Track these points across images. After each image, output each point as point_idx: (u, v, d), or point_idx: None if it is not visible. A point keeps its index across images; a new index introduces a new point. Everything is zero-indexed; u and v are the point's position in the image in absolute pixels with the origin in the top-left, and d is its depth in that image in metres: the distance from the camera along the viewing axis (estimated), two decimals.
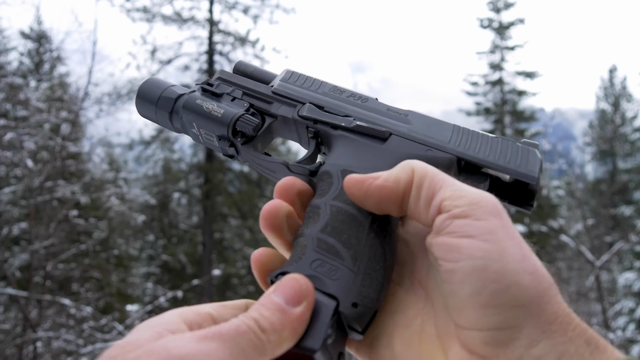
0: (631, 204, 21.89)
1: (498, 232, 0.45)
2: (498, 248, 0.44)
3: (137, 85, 15.56)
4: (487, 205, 0.47)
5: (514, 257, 0.44)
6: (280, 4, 16.57)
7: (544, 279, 0.44)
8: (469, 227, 0.46)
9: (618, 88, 25.08)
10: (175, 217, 18.60)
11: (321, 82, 0.77)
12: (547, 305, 0.43)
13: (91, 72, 9.40)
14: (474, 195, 0.49)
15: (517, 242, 0.46)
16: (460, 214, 0.47)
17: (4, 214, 10.68)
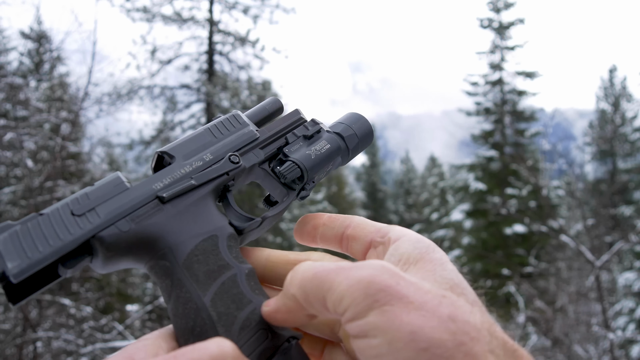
0: (631, 204, 21.91)
1: (378, 324, 0.44)
2: (385, 340, 0.43)
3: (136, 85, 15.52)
4: (360, 299, 0.45)
5: (402, 342, 0.43)
6: (280, 4, 16.58)
7: (441, 349, 0.42)
8: (357, 329, 0.46)
9: (618, 88, 25.10)
10: None
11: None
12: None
13: (91, 72, 9.40)
14: (349, 292, 0.46)
15: (402, 322, 0.43)
16: (347, 319, 0.47)
17: (4, 214, 10.68)
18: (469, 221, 20.49)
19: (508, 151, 20.77)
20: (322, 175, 0.74)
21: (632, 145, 24.40)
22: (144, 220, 0.58)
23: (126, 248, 0.57)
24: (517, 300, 12.11)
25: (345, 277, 0.47)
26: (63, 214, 0.56)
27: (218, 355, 0.45)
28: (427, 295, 0.45)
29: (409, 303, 0.44)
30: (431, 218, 31.36)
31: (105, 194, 0.59)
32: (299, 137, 0.75)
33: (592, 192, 23.14)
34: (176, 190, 0.62)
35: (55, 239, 0.53)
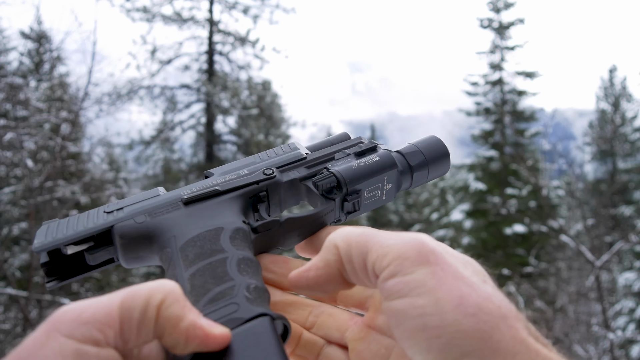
0: (631, 204, 21.91)
1: (427, 282, 0.44)
2: (431, 300, 0.43)
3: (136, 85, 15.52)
4: (411, 254, 0.46)
5: (450, 305, 0.42)
6: (280, 4, 16.57)
7: (490, 316, 0.42)
8: (399, 286, 0.45)
9: (618, 88, 25.09)
10: None
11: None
12: (499, 343, 0.41)
13: (91, 72, 9.40)
14: (397, 247, 0.47)
15: (451, 286, 0.43)
16: (389, 274, 0.46)
17: (4, 214, 10.68)
18: (469, 221, 20.49)
19: (508, 151, 20.76)
20: (376, 191, 0.72)
21: (632, 145, 24.39)
22: (159, 216, 0.62)
23: (138, 237, 0.61)
24: (517, 300, 12.10)
25: (395, 236, 0.48)
26: (98, 211, 0.63)
27: (156, 288, 0.43)
28: (472, 276, 0.46)
29: (457, 272, 0.45)
30: (431, 218, 31.35)
31: (138, 198, 0.64)
32: (349, 155, 0.74)
33: (592, 192, 23.14)
34: (198, 193, 0.64)
35: (79, 227, 0.60)
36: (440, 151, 0.78)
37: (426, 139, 0.79)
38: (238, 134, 16.98)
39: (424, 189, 40.91)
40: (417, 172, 0.75)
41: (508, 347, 0.41)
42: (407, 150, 0.76)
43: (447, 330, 0.41)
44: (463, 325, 0.41)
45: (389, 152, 0.74)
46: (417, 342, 0.43)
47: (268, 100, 18.15)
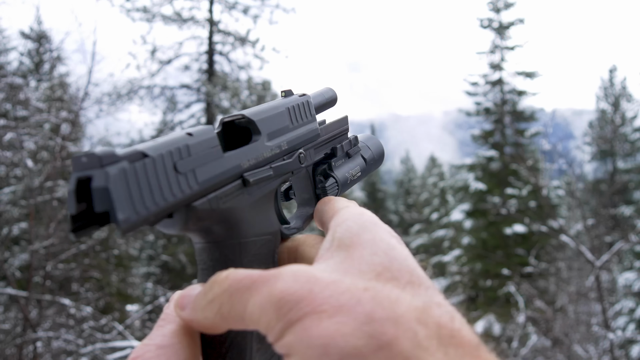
0: (631, 204, 21.91)
1: (293, 345, 0.40)
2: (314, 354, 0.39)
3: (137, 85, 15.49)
4: (272, 319, 0.42)
5: (315, 355, 0.38)
6: (280, 4, 16.57)
7: (356, 352, 0.38)
8: (279, 349, 0.42)
9: (618, 88, 25.10)
10: None
11: None
12: None
13: (91, 72, 9.40)
14: (259, 313, 0.43)
15: (311, 335, 0.39)
16: (270, 340, 0.43)
17: (4, 214, 10.68)
18: (469, 221, 20.49)
19: (508, 151, 20.76)
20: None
21: (632, 145, 24.40)
22: (229, 202, 0.57)
23: (208, 223, 0.56)
24: (517, 300, 12.11)
25: (258, 295, 0.43)
26: (167, 165, 0.51)
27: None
28: (344, 295, 0.41)
29: (322, 312, 0.40)
30: (431, 218, 31.35)
31: (204, 155, 0.55)
32: (344, 153, 0.77)
33: (592, 192, 23.15)
34: (258, 177, 0.60)
35: (160, 196, 0.49)
36: (381, 157, 0.85)
37: (375, 144, 0.85)
38: None
39: (424, 190, 40.89)
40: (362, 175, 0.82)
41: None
42: (369, 161, 0.82)
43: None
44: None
45: (363, 164, 0.80)
46: None
47: (268, 100, 18.15)
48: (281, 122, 0.66)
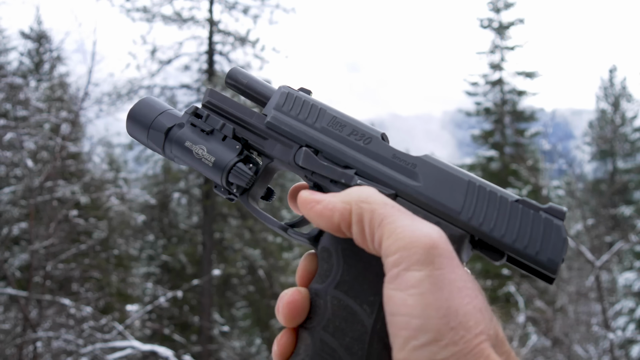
0: (631, 204, 21.90)
1: (423, 285, 0.46)
2: (421, 304, 0.45)
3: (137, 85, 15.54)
4: (416, 252, 0.47)
5: (436, 314, 0.44)
6: (280, 4, 16.56)
7: (468, 331, 0.45)
8: (399, 279, 0.47)
9: (618, 88, 25.08)
10: (175, 217, 18.60)
11: (319, 111, 0.68)
12: (465, 357, 0.44)
13: (91, 72, 9.40)
14: (405, 238, 0.48)
15: (444, 295, 0.45)
16: (393, 263, 0.48)
17: (4, 214, 10.68)
18: None
19: (508, 151, 20.76)
20: None
21: (632, 145, 24.39)
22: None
23: None
24: (517, 300, 12.11)
25: (413, 225, 0.49)
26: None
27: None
28: (468, 287, 0.47)
29: (456, 281, 0.46)
30: None
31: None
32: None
33: (592, 192, 23.13)
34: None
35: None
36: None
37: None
38: None
39: None
40: None
41: (473, 356, 0.44)
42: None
43: (425, 336, 0.44)
44: (440, 335, 0.44)
45: None
46: (399, 336, 0.46)
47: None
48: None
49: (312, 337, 0.54)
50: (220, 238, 17.34)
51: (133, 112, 0.78)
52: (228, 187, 0.71)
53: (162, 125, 0.76)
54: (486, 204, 0.57)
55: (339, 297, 0.55)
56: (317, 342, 0.54)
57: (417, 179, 0.61)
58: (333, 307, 0.55)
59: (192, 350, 14.63)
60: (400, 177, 0.62)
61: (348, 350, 0.52)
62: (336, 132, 0.66)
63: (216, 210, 16.80)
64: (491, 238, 0.56)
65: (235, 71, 0.78)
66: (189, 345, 14.86)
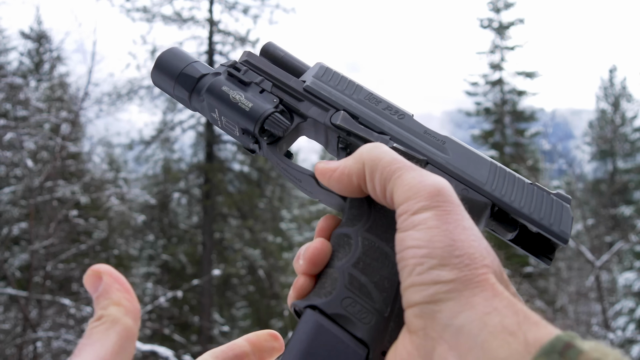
0: (631, 204, 21.89)
1: (429, 221, 0.49)
2: (426, 236, 0.48)
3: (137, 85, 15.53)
4: (423, 197, 0.50)
5: (441, 243, 0.48)
6: (280, 4, 16.57)
7: (471, 261, 0.47)
8: (406, 222, 0.50)
9: (618, 88, 25.07)
10: (175, 217, 18.60)
11: (356, 86, 0.72)
12: (471, 280, 0.46)
13: (91, 72, 9.41)
14: (413, 188, 0.51)
15: (448, 229, 0.49)
16: (402, 210, 0.51)
17: (4, 214, 10.68)
18: None
19: (508, 151, 20.76)
20: None
21: (632, 145, 24.38)
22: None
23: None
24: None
25: (419, 176, 0.52)
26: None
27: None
28: (472, 227, 0.51)
29: (460, 219, 0.50)
30: None
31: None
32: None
33: (592, 192, 23.13)
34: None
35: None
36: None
37: None
38: None
39: None
40: None
41: (478, 285, 0.46)
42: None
43: (430, 261, 0.47)
44: (445, 261, 0.47)
45: None
46: (406, 266, 0.49)
47: None
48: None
49: (341, 272, 0.54)
50: (220, 238, 17.34)
51: (162, 57, 0.77)
52: (259, 136, 0.70)
53: (196, 70, 0.74)
54: (507, 181, 0.64)
55: (371, 239, 0.56)
56: (345, 276, 0.54)
57: (446, 153, 0.66)
58: (364, 246, 0.56)
59: (192, 350, 14.63)
60: (431, 149, 0.66)
61: (378, 286, 0.53)
62: (372, 105, 0.70)
63: (216, 210, 16.81)
64: (511, 207, 0.61)
65: (271, 45, 0.78)
66: (189, 345, 14.87)
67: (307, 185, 0.68)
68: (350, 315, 0.51)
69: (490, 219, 0.64)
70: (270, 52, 0.77)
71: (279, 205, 18.91)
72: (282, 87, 0.73)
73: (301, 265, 0.57)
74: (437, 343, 0.45)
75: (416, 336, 0.47)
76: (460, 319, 0.45)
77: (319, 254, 0.57)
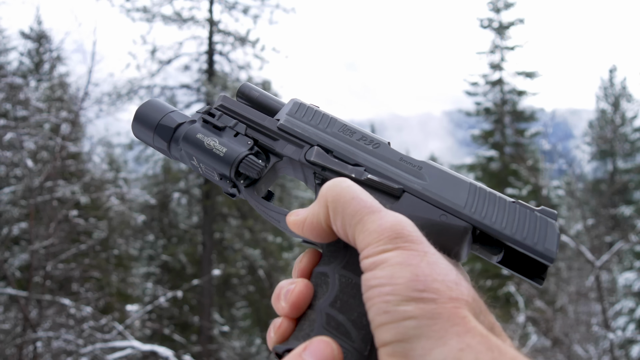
0: (631, 204, 21.90)
1: (390, 260, 0.49)
2: (388, 273, 0.49)
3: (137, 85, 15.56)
4: (383, 241, 0.51)
5: (404, 279, 0.48)
6: (280, 4, 16.56)
7: (437, 295, 0.47)
8: (369, 263, 0.51)
9: (618, 88, 25.07)
10: (175, 217, 18.60)
11: (330, 119, 0.73)
12: (441, 315, 0.46)
13: (91, 72, 9.40)
14: (373, 233, 0.52)
15: (411, 265, 0.49)
16: (365, 255, 0.52)
17: (4, 214, 10.68)
18: None
19: (508, 151, 20.76)
20: None
21: (632, 145, 24.38)
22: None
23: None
24: (517, 300, 12.11)
25: (379, 217, 0.53)
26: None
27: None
28: (440, 262, 0.51)
29: (424, 255, 0.50)
30: None
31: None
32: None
33: (592, 192, 23.13)
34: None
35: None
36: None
37: None
38: None
39: None
40: None
41: (448, 320, 0.46)
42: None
43: (396, 299, 0.47)
44: (410, 295, 0.47)
45: None
46: (373, 306, 0.49)
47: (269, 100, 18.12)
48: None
49: (318, 313, 0.55)
50: (220, 238, 17.34)
51: (140, 110, 0.80)
52: (235, 180, 0.72)
53: (173, 120, 0.77)
54: (487, 202, 0.62)
55: (347, 275, 0.57)
56: (323, 317, 0.54)
57: (423, 179, 0.65)
58: (341, 284, 0.56)
59: (192, 350, 14.63)
60: (407, 176, 0.65)
61: (355, 324, 0.53)
62: (347, 137, 0.70)
63: (216, 210, 16.81)
64: (493, 230, 0.60)
65: (246, 86, 0.81)
66: (189, 345, 14.87)
67: (284, 225, 0.68)
68: None
69: (474, 243, 0.63)
70: (246, 93, 0.80)
71: (279, 205, 18.92)
72: (257, 128, 0.75)
73: (283, 307, 0.57)
74: None
75: None
76: (433, 356, 0.44)
77: (303, 297, 0.57)
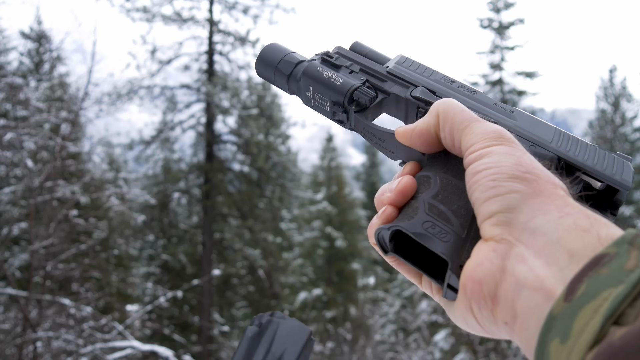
0: (631, 204, 21.92)
1: (495, 149, 0.55)
2: (494, 159, 0.54)
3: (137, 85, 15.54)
4: (487, 138, 0.57)
5: (508, 162, 0.54)
6: (280, 4, 16.57)
7: (537, 176, 0.52)
8: (474, 155, 0.57)
9: (618, 88, 25.08)
10: (175, 217, 18.60)
11: (433, 71, 0.82)
12: (542, 192, 0.51)
13: (91, 72, 9.41)
14: (478, 134, 0.58)
15: (514, 154, 0.55)
16: (470, 152, 0.58)
17: (4, 214, 10.68)
18: None
19: None
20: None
21: (632, 145, 24.39)
22: None
23: None
24: None
25: (485, 124, 0.60)
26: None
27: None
28: (534, 160, 0.56)
29: (523, 150, 0.56)
30: None
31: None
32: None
33: None
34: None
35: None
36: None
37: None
38: (238, 134, 16.99)
39: None
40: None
41: (549, 194, 0.51)
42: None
43: (502, 176, 0.53)
44: (515, 175, 0.52)
45: None
46: (479, 186, 0.54)
47: (268, 100, 18.16)
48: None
49: (421, 202, 0.62)
50: (220, 238, 17.35)
51: (264, 51, 0.90)
52: (347, 106, 0.80)
53: (294, 57, 0.87)
54: (571, 141, 0.70)
55: (448, 178, 0.64)
56: (425, 205, 0.61)
57: (514, 119, 0.73)
58: (442, 183, 0.63)
59: (192, 350, 14.64)
60: (501, 116, 0.74)
61: (455, 213, 0.60)
62: (447, 84, 0.80)
63: (216, 210, 16.82)
64: (576, 160, 0.67)
65: (358, 43, 0.91)
66: (189, 345, 14.88)
67: (389, 145, 0.77)
68: (430, 235, 0.58)
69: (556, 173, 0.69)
70: (358, 49, 0.90)
71: (279, 205, 18.92)
72: (368, 71, 0.85)
73: (389, 196, 0.65)
74: (513, 245, 0.50)
75: (493, 241, 0.51)
76: (535, 222, 0.49)
77: (408, 187, 0.64)
